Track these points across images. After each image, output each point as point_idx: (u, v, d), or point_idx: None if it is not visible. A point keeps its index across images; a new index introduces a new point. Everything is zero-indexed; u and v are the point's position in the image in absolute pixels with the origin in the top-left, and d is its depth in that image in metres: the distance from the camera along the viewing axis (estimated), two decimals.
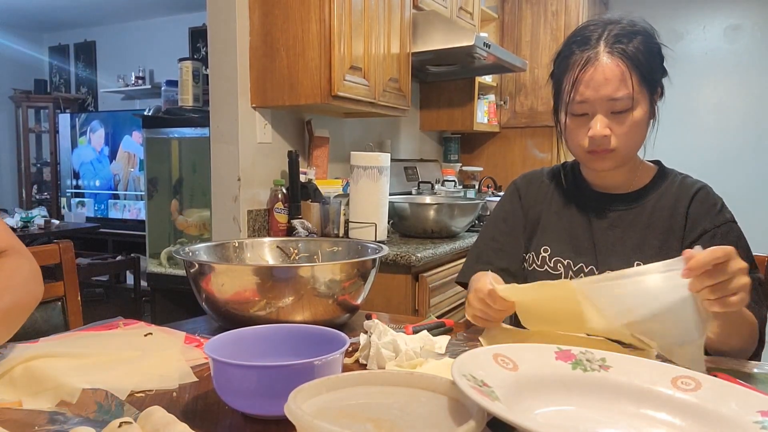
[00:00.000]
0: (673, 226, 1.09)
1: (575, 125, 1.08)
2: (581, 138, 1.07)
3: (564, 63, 1.08)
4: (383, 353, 0.86)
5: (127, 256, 4.14)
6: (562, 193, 1.23)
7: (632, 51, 1.02)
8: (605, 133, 1.04)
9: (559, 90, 1.10)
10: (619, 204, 1.15)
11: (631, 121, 1.04)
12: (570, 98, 1.06)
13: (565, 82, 1.07)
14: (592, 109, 1.05)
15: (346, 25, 2.05)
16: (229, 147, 2.14)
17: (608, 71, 1.02)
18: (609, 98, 1.02)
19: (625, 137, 1.05)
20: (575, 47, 1.06)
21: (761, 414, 0.61)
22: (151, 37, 5.81)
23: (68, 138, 5.52)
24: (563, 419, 0.66)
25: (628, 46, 1.03)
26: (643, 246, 1.10)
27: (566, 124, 1.10)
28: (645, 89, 1.04)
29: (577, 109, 1.06)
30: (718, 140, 3.88)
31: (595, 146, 1.06)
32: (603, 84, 1.02)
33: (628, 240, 1.12)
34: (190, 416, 0.72)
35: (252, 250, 1.28)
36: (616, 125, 1.05)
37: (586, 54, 1.04)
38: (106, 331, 1.04)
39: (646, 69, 1.03)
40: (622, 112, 1.04)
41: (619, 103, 1.03)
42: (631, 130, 1.05)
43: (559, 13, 3.48)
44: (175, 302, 2.70)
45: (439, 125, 3.46)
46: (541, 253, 1.19)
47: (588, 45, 1.05)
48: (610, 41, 1.03)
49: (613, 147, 1.05)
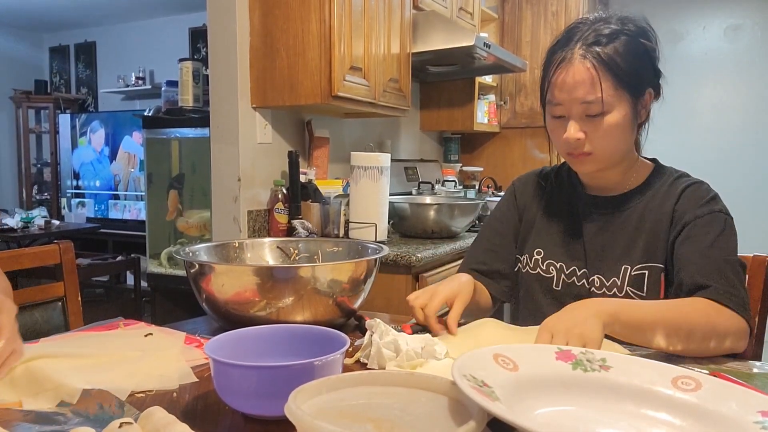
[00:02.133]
0: (660, 227, 1.08)
1: (554, 126, 1.08)
2: (560, 139, 1.07)
3: (546, 62, 1.08)
4: (384, 353, 0.87)
5: (128, 257, 4.15)
6: (556, 195, 1.22)
7: (607, 53, 1.00)
8: (578, 137, 1.03)
9: (542, 89, 1.09)
10: (609, 207, 1.14)
11: (606, 124, 1.02)
12: (547, 99, 1.06)
13: (545, 82, 1.07)
14: (568, 112, 1.04)
15: (346, 26, 2.05)
16: (230, 147, 2.14)
17: (578, 74, 1.01)
18: (581, 101, 1.01)
19: (601, 140, 1.03)
20: (557, 46, 1.06)
21: (761, 414, 0.61)
22: (151, 38, 5.81)
23: (68, 138, 5.52)
24: (563, 419, 0.66)
25: (605, 47, 1.01)
26: (630, 250, 1.09)
27: (547, 124, 1.10)
28: (624, 92, 1.02)
29: (556, 111, 1.06)
30: (718, 140, 3.88)
31: (570, 149, 1.06)
32: (573, 87, 1.01)
33: (616, 244, 1.11)
34: (190, 416, 0.72)
35: (252, 251, 1.28)
36: (590, 129, 1.03)
37: (562, 54, 1.03)
38: (106, 332, 1.04)
39: (624, 71, 1.01)
40: (596, 116, 1.02)
41: (592, 106, 1.01)
42: (606, 133, 1.03)
43: (559, 13, 3.48)
44: (176, 303, 2.69)
45: (440, 125, 3.46)
46: (534, 256, 1.19)
47: (567, 45, 1.03)
48: (588, 41, 1.02)
49: (589, 151, 1.04)
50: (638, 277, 1.07)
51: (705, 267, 0.99)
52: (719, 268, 0.99)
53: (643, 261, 1.07)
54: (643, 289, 1.06)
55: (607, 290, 1.09)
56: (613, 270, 1.09)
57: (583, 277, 1.12)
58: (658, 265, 1.06)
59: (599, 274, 1.10)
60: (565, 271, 1.14)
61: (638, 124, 1.09)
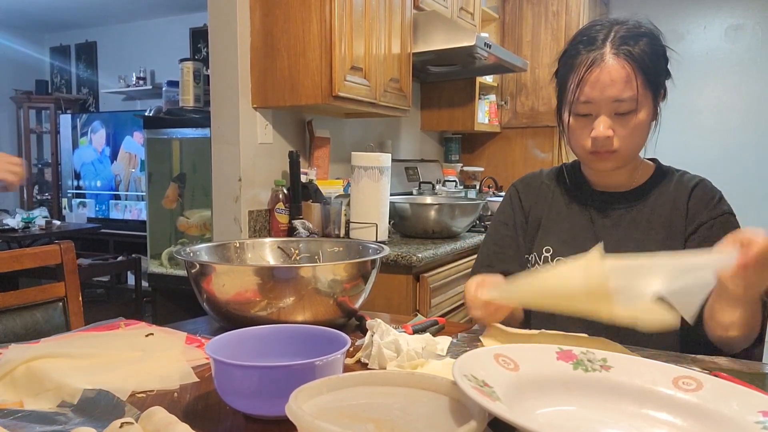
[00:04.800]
0: (674, 222, 1.10)
1: (578, 125, 1.09)
2: (584, 138, 1.08)
3: (569, 63, 1.08)
4: (385, 353, 0.87)
5: (128, 257, 4.15)
6: (563, 194, 1.23)
7: (638, 53, 1.02)
8: (608, 134, 1.04)
9: (564, 90, 1.10)
10: (621, 202, 1.15)
11: (635, 122, 1.04)
12: (574, 98, 1.06)
13: (570, 81, 1.07)
14: (596, 110, 1.05)
15: (346, 26, 2.05)
16: (230, 147, 2.14)
17: (614, 72, 1.02)
18: (614, 99, 1.03)
19: (628, 139, 1.05)
20: (581, 47, 1.06)
21: (762, 414, 0.61)
22: (152, 38, 5.81)
23: (69, 138, 5.52)
24: (564, 419, 0.66)
25: (634, 47, 1.03)
26: (645, 244, 1.10)
27: (569, 123, 1.10)
28: (649, 91, 1.05)
29: (581, 110, 1.06)
30: (718, 140, 3.88)
31: (597, 147, 1.06)
32: (608, 85, 1.02)
33: (631, 238, 1.12)
34: (191, 417, 0.72)
35: (253, 251, 1.28)
36: (619, 127, 1.05)
37: (593, 54, 1.04)
38: (107, 332, 1.04)
39: (651, 71, 1.04)
40: (625, 114, 1.04)
41: (623, 104, 1.03)
42: (634, 131, 1.05)
43: (560, 13, 3.48)
44: (176, 303, 2.70)
45: (440, 125, 3.46)
46: (543, 254, 1.19)
47: (594, 45, 1.05)
48: (616, 42, 1.03)
49: (616, 148, 1.06)
50: None
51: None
52: None
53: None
54: None
55: None
56: None
57: None
58: None
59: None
60: None
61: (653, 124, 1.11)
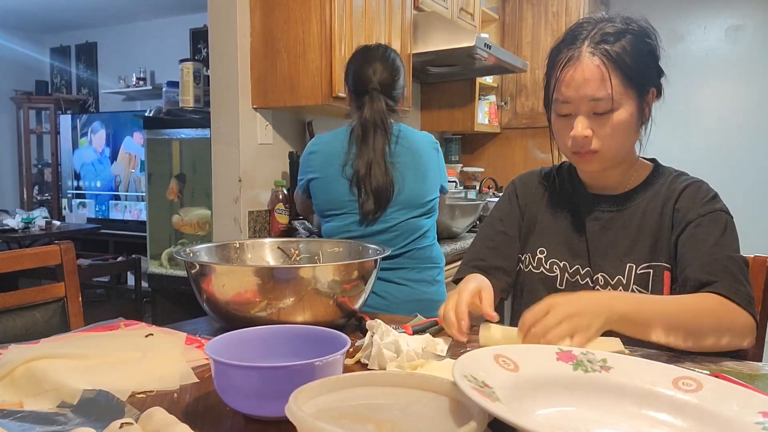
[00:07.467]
0: (663, 226, 1.08)
1: (560, 125, 1.08)
2: (566, 138, 1.07)
3: (551, 61, 1.08)
4: (385, 354, 0.87)
5: (128, 257, 4.14)
6: (557, 194, 1.22)
7: (616, 51, 1.01)
8: (586, 134, 1.03)
9: (547, 88, 1.10)
10: (611, 205, 1.14)
11: (614, 122, 1.03)
12: (553, 97, 1.06)
13: (551, 80, 1.07)
14: (575, 110, 1.04)
15: (346, 26, 2.05)
16: (230, 148, 2.14)
17: (587, 71, 1.01)
18: (590, 98, 1.01)
19: (608, 139, 1.04)
20: (562, 45, 1.06)
21: (762, 415, 0.61)
22: (152, 39, 5.81)
23: (69, 139, 5.52)
24: (564, 420, 0.66)
25: (613, 45, 1.01)
26: (634, 248, 1.09)
27: (553, 123, 1.10)
28: (631, 90, 1.03)
29: (562, 109, 1.06)
30: (719, 141, 3.88)
31: (577, 147, 1.06)
32: (582, 84, 1.01)
33: (620, 242, 1.11)
34: (191, 417, 0.72)
35: (253, 251, 1.28)
36: (598, 126, 1.03)
37: (570, 53, 1.03)
38: (107, 332, 1.04)
39: (632, 70, 1.02)
40: (603, 114, 1.02)
41: (600, 104, 1.01)
42: (614, 131, 1.03)
43: (559, 13, 3.48)
44: (176, 303, 2.69)
45: (440, 126, 3.46)
46: (537, 255, 1.19)
47: (573, 44, 1.04)
48: (595, 40, 1.02)
49: (596, 148, 1.04)
50: (644, 276, 1.07)
51: (710, 264, 0.99)
52: (724, 264, 0.99)
53: (648, 260, 1.08)
54: (648, 288, 1.07)
55: (612, 288, 1.09)
56: (617, 268, 1.09)
57: (587, 276, 1.12)
58: (662, 263, 1.07)
59: (603, 272, 1.10)
60: (568, 270, 1.14)
61: (641, 123, 1.10)
